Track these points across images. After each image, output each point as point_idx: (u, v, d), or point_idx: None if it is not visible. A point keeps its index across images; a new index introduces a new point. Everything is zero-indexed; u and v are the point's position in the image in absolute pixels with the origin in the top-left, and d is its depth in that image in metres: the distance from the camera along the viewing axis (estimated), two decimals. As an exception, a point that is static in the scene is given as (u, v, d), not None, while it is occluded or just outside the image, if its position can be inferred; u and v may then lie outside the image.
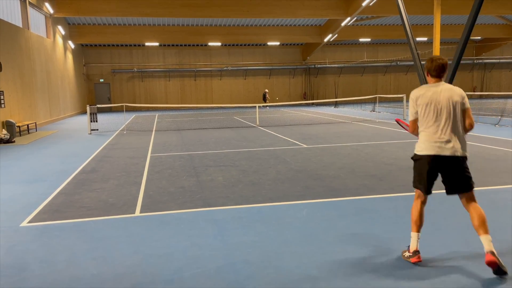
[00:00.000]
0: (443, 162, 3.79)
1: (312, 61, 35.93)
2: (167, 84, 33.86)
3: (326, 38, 30.70)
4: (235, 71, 34.72)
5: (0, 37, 15.63)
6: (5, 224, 5.37)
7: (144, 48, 33.07)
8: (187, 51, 33.82)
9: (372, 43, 36.55)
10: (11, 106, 16.31)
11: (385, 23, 32.42)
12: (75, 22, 27.98)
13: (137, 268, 3.98)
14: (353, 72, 37.15)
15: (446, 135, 3.76)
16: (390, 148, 10.62)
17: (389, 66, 37.06)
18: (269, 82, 35.46)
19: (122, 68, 32.80)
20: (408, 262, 3.92)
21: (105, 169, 8.88)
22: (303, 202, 6.06)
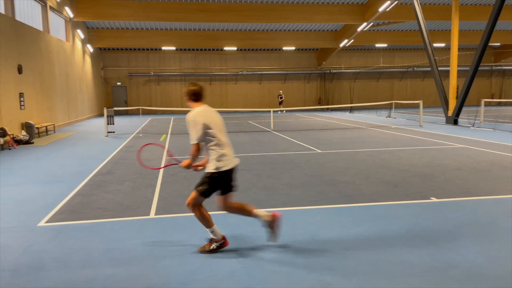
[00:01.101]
0: (234, 171, 4.44)
1: (327, 66, 35.84)
2: (183, 88, 34.11)
3: (342, 43, 30.61)
4: (250, 76, 34.83)
5: (22, 41, 15.98)
6: (23, 224, 5.48)
7: (161, 52, 33.42)
8: (203, 55, 34.08)
9: (389, 49, 36.31)
10: (30, 108, 16.64)
11: (402, 29, 32.19)
12: (93, 26, 28.46)
13: (151, 269, 4.02)
14: (369, 78, 36.93)
15: (231, 148, 4.48)
16: (405, 155, 10.52)
17: (405, 72, 36.74)
18: (284, 87, 35.46)
19: (139, 71, 33.20)
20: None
21: (121, 171, 8.99)
22: (317, 207, 6.04)
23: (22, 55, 16.00)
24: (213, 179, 4.31)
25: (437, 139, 13.60)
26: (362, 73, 36.42)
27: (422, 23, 19.78)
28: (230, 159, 4.37)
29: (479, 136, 14.11)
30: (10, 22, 14.99)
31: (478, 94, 36.77)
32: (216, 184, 4.35)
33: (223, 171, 4.30)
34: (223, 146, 4.33)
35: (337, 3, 25.51)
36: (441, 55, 34.78)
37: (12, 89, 14.86)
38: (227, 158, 4.33)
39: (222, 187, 4.40)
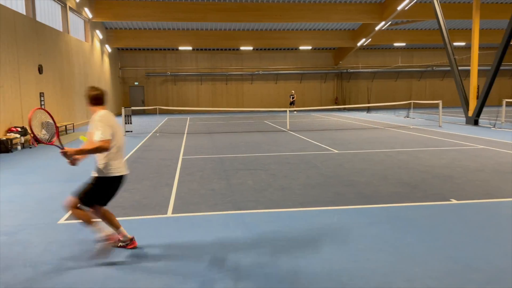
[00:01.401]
0: (124, 180, 4.39)
1: (344, 65, 35.57)
2: (199, 88, 34.31)
3: (360, 42, 30.35)
4: (266, 75, 34.81)
5: (42, 41, 16.28)
6: (43, 221, 5.58)
7: (178, 52, 33.66)
8: (219, 55, 34.20)
9: (407, 48, 35.84)
10: (50, 107, 16.94)
11: (421, 28, 31.74)
12: (112, 27, 28.82)
13: (169, 268, 4.05)
14: (386, 77, 36.53)
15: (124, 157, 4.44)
16: (424, 155, 10.37)
17: (424, 71, 36.23)
18: (300, 87, 35.35)
19: (156, 71, 33.50)
20: None
21: (139, 170, 9.08)
22: (334, 208, 6.00)
23: (43, 55, 16.30)
24: (104, 183, 4.26)
25: (457, 140, 13.37)
26: (380, 73, 36.04)
27: (441, 21, 19.47)
28: (124, 167, 4.39)
29: (500, 137, 13.82)
30: (31, 23, 15.28)
31: (499, 94, 36.02)
32: (105, 188, 4.28)
33: (116, 177, 4.27)
34: (120, 152, 4.34)
35: (354, 2, 25.30)
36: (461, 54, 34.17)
37: (33, 89, 15.16)
38: (122, 165, 4.36)
39: (109, 193, 4.32)
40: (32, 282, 3.81)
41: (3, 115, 12.65)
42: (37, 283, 3.79)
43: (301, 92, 35.35)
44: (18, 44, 14.04)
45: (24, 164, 10.16)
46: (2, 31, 12.85)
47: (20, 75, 14.06)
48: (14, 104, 13.50)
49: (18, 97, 13.81)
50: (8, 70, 13.19)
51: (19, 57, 14.04)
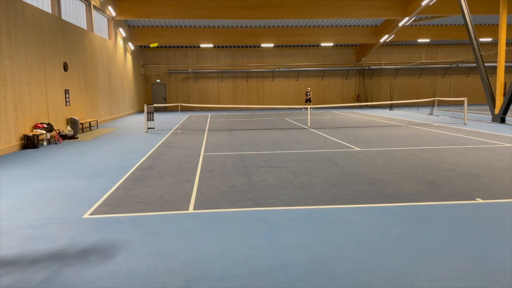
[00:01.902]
0: None
1: (366, 62, 35.15)
2: (220, 85, 34.46)
3: (382, 38, 29.92)
4: (287, 72, 34.70)
5: (67, 39, 16.63)
6: (69, 216, 5.71)
7: (199, 50, 33.88)
8: (240, 52, 34.26)
9: (431, 44, 35.15)
10: (75, 104, 17.31)
11: (446, 23, 31.07)
12: (135, 25, 29.20)
13: (190, 263, 4.09)
14: (410, 74, 35.92)
15: None
16: (449, 154, 10.17)
17: (449, 68, 35.47)
18: (322, 84, 35.12)
19: (177, 69, 33.80)
20: None
21: (161, 166, 9.19)
22: (356, 206, 5.94)
23: (68, 53, 16.64)
24: None
25: (482, 138, 13.05)
26: (403, 69, 35.47)
27: (467, 17, 19.00)
28: None
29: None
30: (56, 21, 15.62)
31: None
32: None
33: None
34: None
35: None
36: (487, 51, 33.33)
37: (58, 86, 15.50)
38: None
39: None
40: (57, 275, 3.90)
41: (29, 112, 13.00)
42: (63, 276, 3.88)
43: (322, 89, 35.13)
44: (44, 42, 14.38)
45: (50, 159, 10.41)
46: (29, 29, 13.18)
47: (46, 72, 14.40)
48: (40, 101, 13.84)
49: (44, 94, 14.15)
50: (35, 68, 13.52)
51: (45, 55, 14.38)
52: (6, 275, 3.90)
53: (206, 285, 3.63)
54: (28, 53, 13.05)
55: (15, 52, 12.20)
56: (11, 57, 11.94)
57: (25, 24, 12.92)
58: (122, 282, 3.72)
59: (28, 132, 12.73)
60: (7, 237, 4.90)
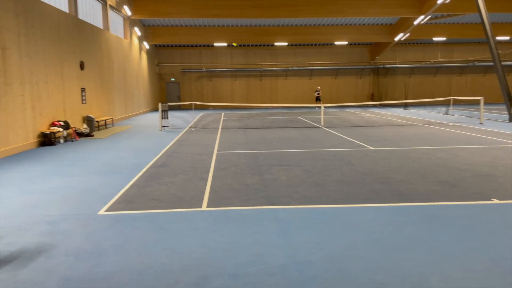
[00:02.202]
0: None
1: (381, 61, 34.83)
2: (234, 84, 34.53)
3: (397, 37, 29.62)
4: (300, 71, 34.60)
5: (84, 38, 16.85)
6: (84, 212, 5.80)
7: (213, 49, 33.99)
8: (253, 51, 34.27)
9: (447, 42, 34.68)
10: (91, 103, 17.53)
11: (462, 21, 30.61)
12: (150, 24, 29.43)
13: (203, 260, 4.12)
14: (425, 73, 35.50)
15: None
16: (464, 153, 10.04)
17: (465, 67, 34.96)
18: (335, 82, 34.93)
19: (191, 67, 33.97)
20: None
21: (174, 164, 9.27)
22: (369, 205, 5.92)
23: (84, 52, 16.86)
24: None
25: (499, 138, 12.85)
26: (418, 68, 35.07)
27: (484, 15, 18.70)
28: None
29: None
30: (73, 20, 15.84)
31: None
32: None
33: None
34: None
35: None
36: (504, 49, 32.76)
37: (74, 85, 15.73)
38: None
39: None
40: (73, 270, 3.97)
41: (47, 110, 13.21)
42: (78, 271, 3.95)
43: (336, 88, 34.95)
44: (62, 41, 14.59)
45: (66, 156, 10.58)
46: (47, 28, 13.39)
47: (63, 71, 14.62)
48: (57, 99, 14.06)
49: (61, 92, 14.37)
50: (52, 66, 13.74)
51: (62, 54, 14.60)
52: (23, 270, 3.98)
53: (219, 282, 3.66)
54: (45, 52, 13.27)
55: (33, 51, 12.41)
56: (29, 56, 12.15)
57: (42, 23, 13.13)
58: (135, 278, 3.77)
59: (45, 129, 12.94)
60: (25, 232, 5.00)
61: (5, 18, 10.93)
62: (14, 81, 11.31)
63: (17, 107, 11.40)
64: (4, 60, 10.82)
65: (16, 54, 11.44)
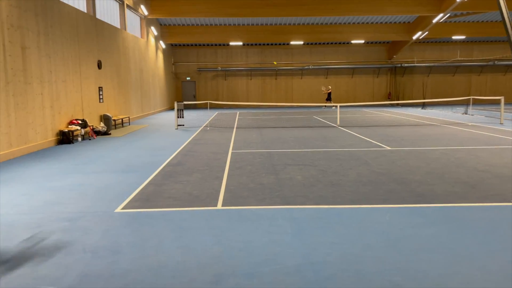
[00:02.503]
0: None
1: (398, 59, 34.42)
2: (249, 83, 34.54)
3: (415, 35, 29.22)
4: (316, 70, 34.42)
5: (101, 38, 17.05)
6: (101, 209, 5.86)
7: (228, 48, 34.05)
8: (269, 50, 34.22)
9: (467, 41, 34.07)
10: (108, 101, 17.74)
11: (483, 20, 30.03)
12: (166, 23, 29.63)
13: (219, 259, 4.13)
14: (443, 72, 34.95)
15: None
16: (484, 154, 9.84)
17: (485, 66, 34.30)
18: (352, 81, 34.65)
19: (207, 67, 34.09)
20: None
21: (190, 163, 9.31)
22: (386, 206, 5.84)
23: (102, 51, 17.07)
24: None
25: (520, 138, 12.57)
26: (437, 67, 34.54)
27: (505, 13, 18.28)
28: None
29: None
30: (91, 20, 16.04)
31: None
32: None
33: None
34: None
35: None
36: (526, 47, 32.00)
37: (92, 84, 15.93)
38: None
39: None
40: (90, 267, 4.02)
41: (65, 108, 13.41)
42: (95, 268, 3.99)
43: (352, 87, 34.67)
44: (80, 41, 14.80)
45: (84, 154, 10.72)
46: (65, 28, 13.59)
47: (81, 70, 14.82)
48: (75, 97, 14.26)
49: (79, 91, 14.57)
50: (70, 66, 13.94)
51: (80, 53, 14.80)
52: (42, 266, 4.04)
53: (234, 281, 3.65)
54: (64, 51, 13.47)
55: (52, 50, 12.61)
56: (48, 55, 12.35)
57: (61, 23, 13.33)
58: (152, 276, 3.79)
59: (63, 128, 13.14)
60: (44, 229, 5.08)
61: (25, 18, 11.13)
62: (34, 80, 11.51)
63: (36, 106, 11.61)
64: (24, 59, 11.02)
65: (35, 53, 11.64)
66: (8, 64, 10.28)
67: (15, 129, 10.56)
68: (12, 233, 4.92)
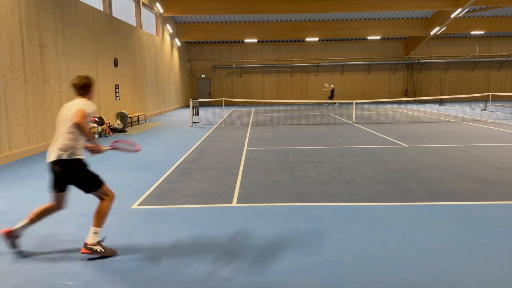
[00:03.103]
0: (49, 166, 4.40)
1: (415, 55, 33.94)
2: (264, 80, 34.49)
3: (433, 31, 28.75)
4: (332, 67, 34.17)
5: (117, 36, 17.22)
6: (118, 206, 5.92)
7: (243, 45, 34.03)
8: (284, 47, 34.10)
9: (486, 36, 33.39)
10: (124, 99, 17.92)
11: (502, 14, 29.39)
12: (181, 21, 29.77)
13: (234, 256, 4.13)
14: (462, 68, 34.34)
15: (54, 142, 4.33)
16: (504, 151, 9.65)
17: (504, 61, 33.58)
18: (367, 78, 34.32)
19: (222, 64, 34.16)
20: None
21: (205, 160, 9.34)
22: (403, 204, 5.77)
23: (118, 49, 17.23)
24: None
25: (541, 135, 12.28)
26: (455, 63, 33.96)
27: (527, 6, 17.86)
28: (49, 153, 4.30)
29: None
30: (108, 18, 16.20)
31: None
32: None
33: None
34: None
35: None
36: (548, 42, 31.24)
37: (109, 81, 16.11)
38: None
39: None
40: (108, 262, 4.06)
41: (82, 106, 13.57)
42: (112, 264, 4.04)
43: (368, 83, 34.35)
44: (96, 39, 14.96)
45: (101, 151, 10.83)
46: (82, 27, 13.76)
47: (97, 68, 15.00)
48: (92, 95, 14.42)
49: (96, 89, 14.75)
50: (87, 64, 14.12)
51: (97, 51, 14.97)
52: (60, 261, 4.11)
53: (249, 279, 3.66)
54: (81, 50, 13.64)
55: (69, 48, 12.78)
56: (65, 53, 12.53)
57: (78, 21, 13.50)
58: (167, 272, 3.82)
59: (81, 125, 13.31)
60: (62, 225, 5.16)
61: (43, 17, 11.30)
62: (52, 78, 11.69)
63: (54, 103, 11.79)
64: (42, 57, 11.20)
65: (53, 51, 11.81)
66: (27, 62, 10.46)
67: (34, 127, 10.74)
68: (32, 229, 5.00)
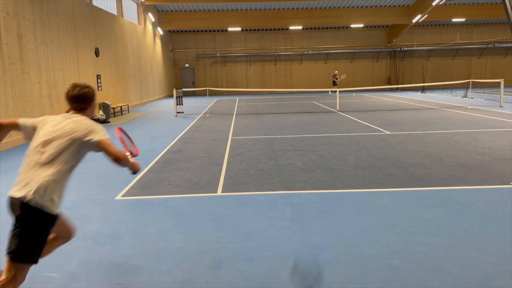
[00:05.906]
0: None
1: (398, 43, 34.18)
2: (248, 69, 34.36)
3: (415, 19, 28.95)
4: (315, 55, 34.20)
5: (98, 25, 16.90)
6: (102, 197, 5.89)
7: (227, 34, 33.77)
8: (268, 35, 33.95)
9: (467, 24, 33.77)
10: (106, 89, 17.67)
11: (483, 2, 29.73)
12: (163, 9, 29.34)
13: (219, 245, 4.16)
14: (443, 55, 34.73)
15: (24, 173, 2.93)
16: (483, 137, 9.85)
17: (485, 48, 34.07)
18: (351, 66, 34.46)
19: (205, 53, 33.87)
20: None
21: (190, 150, 9.32)
22: (385, 190, 5.87)
23: (99, 38, 16.93)
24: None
25: (519, 121, 12.55)
26: (436, 50, 34.31)
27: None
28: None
29: None
30: (88, 7, 15.88)
31: None
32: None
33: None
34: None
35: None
36: (527, 29, 31.75)
37: (90, 71, 15.84)
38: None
39: None
40: (92, 254, 4.05)
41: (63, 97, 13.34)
42: (96, 255, 4.03)
43: (351, 72, 34.49)
44: (76, 28, 14.67)
45: (83, 143, 10.70)
46: (62, 16, 13.46)
47: (78, 58, 14.73)
48: (73, 86, 14.18)
49: (77, 79, 14.49)
50: (68, 54, 13.85)
51: (77, 41, 14.68)
52: (44, 253, 4.07)
53: (234, 266, 3.69)
54: (61, 39, 13.36)
55: (48, 38, 12.51)
56: (45, 43, 12.26)
57: (58, 10, 13.20)
58: (153, 262, 3.83)
59: (62, 116, 13.10)
60: (45, 217, 5.10)
61: (20, 6, 11.02)
62: (31, 68, 11.44)
63: (34, 94, 11.56)
64: (20, 47, 10.94)
65: (32, 41, 11.55)
66: (5, 52, 10.21)
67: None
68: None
